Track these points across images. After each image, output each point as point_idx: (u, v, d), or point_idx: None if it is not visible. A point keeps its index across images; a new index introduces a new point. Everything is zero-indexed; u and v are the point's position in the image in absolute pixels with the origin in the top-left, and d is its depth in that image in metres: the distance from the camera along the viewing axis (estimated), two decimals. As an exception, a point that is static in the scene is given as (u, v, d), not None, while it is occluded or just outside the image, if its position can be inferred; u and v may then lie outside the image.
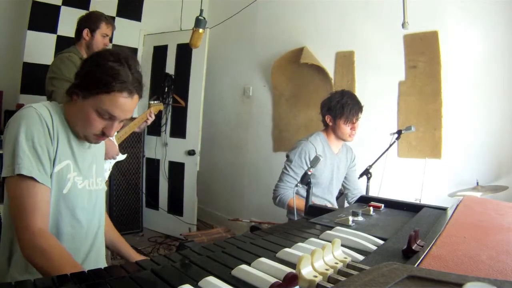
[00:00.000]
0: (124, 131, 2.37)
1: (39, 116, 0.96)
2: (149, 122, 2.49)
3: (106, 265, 1.10)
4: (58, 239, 1.02)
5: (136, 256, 1.26)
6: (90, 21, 2.19)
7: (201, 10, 2.70)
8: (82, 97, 1.01)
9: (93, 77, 0.98)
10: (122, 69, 0.99)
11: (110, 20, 2.30)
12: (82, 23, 2.20)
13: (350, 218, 0.98)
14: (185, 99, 3.59)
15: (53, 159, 0.99)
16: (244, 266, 0.61)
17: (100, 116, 1.02)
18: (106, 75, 0.97)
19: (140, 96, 1.07)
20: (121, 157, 2.36)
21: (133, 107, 1.05)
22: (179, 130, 3.62)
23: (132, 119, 2.49)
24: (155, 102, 2.64)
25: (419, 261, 0.60)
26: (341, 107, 2.00)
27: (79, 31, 2.20)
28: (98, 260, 1.16)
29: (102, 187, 1.21)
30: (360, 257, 0.69)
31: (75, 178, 1.06)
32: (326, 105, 2.07)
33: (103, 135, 1.06)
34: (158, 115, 3.07)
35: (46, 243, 0.89)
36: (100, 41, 2.21)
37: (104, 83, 0.97)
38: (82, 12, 3.23)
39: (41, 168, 0.94)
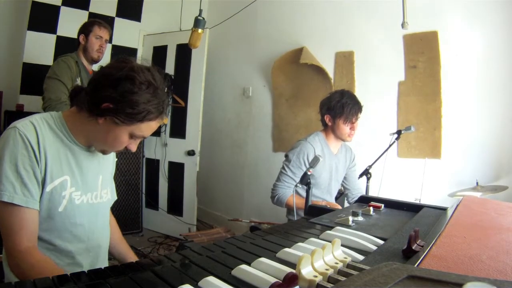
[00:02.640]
0: None
1: (22, 137, 0.93)
2: None
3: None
4: (57, 256, 1.03)
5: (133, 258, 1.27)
6: (84, 27, 2.40)
7: (201, 10, 2.70)
8: (114, 122, 0.97)
9: (138, 106, 0.95)
10: (164, 95, 1.01)
11: (104, 24, 2.43)
12: (79, 31, 2.41)
13: (350, 218, 0.97)
14: (185, 100, 3.59)
15: (43, 179, 0.96)
16: (244, 266, 0.61)
17: (132, 138, 1.03)
18: (152, 105, 0.97)
19: None
20: None
21: None
22: (178, 131, 3.62)
23: None
24: None
25: (419, 261, 0.60)
26: (340, 107, 1.99)
27: (77, 39, 2.40)
28: None
29: (107, 199, 1.17)
30: (360, 257, 0.69)
31: (72, 194, 1.03)
32: (326, 104, 2.07)
33: (124, 150, 1.06)
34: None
35: (33, 259, 0.89)
36: (94, 42, 2.38)
37: (149, 112, 0.97)
38: (82, 13, 3.28)
39: (26, 192, 0.92)
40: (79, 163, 1.06)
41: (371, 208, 1.13)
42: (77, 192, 1.04)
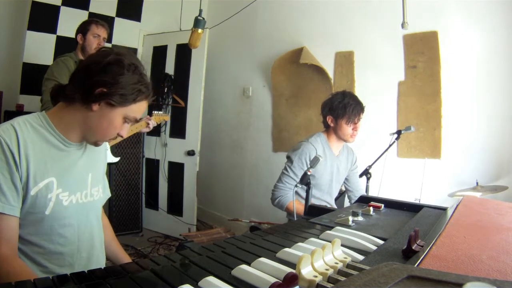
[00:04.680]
0: None
1: (1, 142, 0.91)
2: (147, 130, 2.51)
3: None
4: (47, 258, 1.01)
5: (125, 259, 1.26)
6: (82, 26, 2.39)
7: (201, 10, 2.71)
8: (109, 105, 1.00)
9: (128, 87, 1.00)
10: (146, 76, 1.04)
11: (101, 22, 2.43)
12: (76, 31, 2.40)
13: (350, 218, 0.97)
14: (185, 100, 3.59)
15: (25, 183, 0.94)
16: (244, 266, 0.61)
17: (125, 122, 1.05)
18: (141, 84, 1.02)
19: None
20: (114, 159, 2.35)
21: None
22: (178, 131, 3.62)
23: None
24: (160, 112, 2.62)
25: (419, 261, 0.60)
26: (343, 107, 1.99)
27: (75, 38, 2.40)
28: None
29: (99, 198, 1.16)
30: (360, 257, 0.69)
31: (59, 196, 1.01)
32: (328, 105, 2.06)
33: (116, 137, 1.09)
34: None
35: (9, 266, 0.88)
36: (92, 41, 2.37)
37: (140, 92, 1.02)
38: (82, 13, 3.28)
39: (3, 198, 0.90)
40: (67, 162, 1.04)
41: (371, 208, 1.13)
42: (64, 193, 1.02)
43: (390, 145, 2.22)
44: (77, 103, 1.01)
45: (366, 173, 2.23)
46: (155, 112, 2.58)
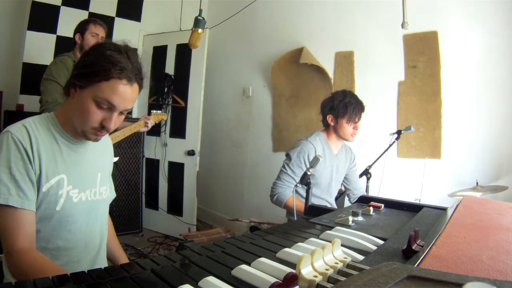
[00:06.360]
0: (117, 134, 2.36)
1: (15, 141, 0.94)
2: (145, 130, 2.52)
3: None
4: (55, 254, 1.03)
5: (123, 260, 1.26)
6: (80, 26, 2.39)
7: (201, 10, 2.71)
8: (80, 87, 0.99)
9: (92, 65, 0.97)
10: (122, 57, 0.98)
11: (99, 21, 2.43)
12: (74, 31, 2.39)
13: (350, 218, 0.97)
14: (185, 99, 3.59)
15: (38, 180, 0.97)
16: (244, 266, 0.61)
17: (99, 106, 0.98)
18: (105, 62, 0.96)
19: (140, 87, 1.05)
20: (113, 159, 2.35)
21: (133, 97, 1.02)
22: (178, 131, 3.62)
23: (132, 120, 2.53)
24: (158, 112, 2.63)
25: (419, 261, 0.60)
26: (344, 106, 1.99)
27: (73, 38, 2.39)
28: None
29: (107, 196, 1.19)
30: (360, 257, 0.69)
31: (69, 192, 1.03)
32: (328, 104, 2.07)
33: (102, 128, 1.01)
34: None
35: (31, 259, 0.90)
36: (90, 40, 2.36)
37: (103, 70, 0.96)
38: (82, 12, 3.29)
39: (21, 193, 0.93)
40: (76, 161, 1.06)
41: (371, 208, 1.13)
42: (74, 190, 1.05)
43: (390, 145, 2.23)
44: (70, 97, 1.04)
45: (366, 173, 2.24)
46: (153, 111, 2.59)
